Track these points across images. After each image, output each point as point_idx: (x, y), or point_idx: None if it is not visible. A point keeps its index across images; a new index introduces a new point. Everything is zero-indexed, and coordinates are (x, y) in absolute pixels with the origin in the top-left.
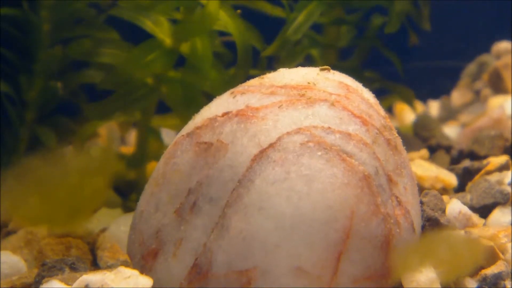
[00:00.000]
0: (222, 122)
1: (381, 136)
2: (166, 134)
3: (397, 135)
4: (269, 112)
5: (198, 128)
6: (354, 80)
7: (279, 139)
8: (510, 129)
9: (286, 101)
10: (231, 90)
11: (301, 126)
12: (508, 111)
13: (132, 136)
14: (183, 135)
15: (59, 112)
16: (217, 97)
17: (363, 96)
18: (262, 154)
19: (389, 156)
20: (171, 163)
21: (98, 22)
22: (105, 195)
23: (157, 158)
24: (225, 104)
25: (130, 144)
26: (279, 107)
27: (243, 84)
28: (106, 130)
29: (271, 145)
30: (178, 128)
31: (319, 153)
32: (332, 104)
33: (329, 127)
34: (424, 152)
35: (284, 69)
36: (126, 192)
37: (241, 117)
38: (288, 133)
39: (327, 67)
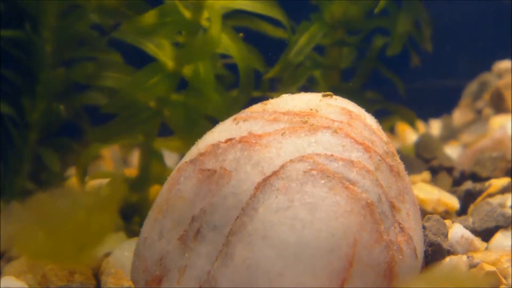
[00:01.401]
0: (225, 149)
1: (383, 162)
2: (168, 156)
3: (399, 160)
4: (272, 140)
5: (201, 154)
6: (356, 106)
7: (282, 167)
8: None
9: (289, 128)
10: (234, 116)
11: (304, 154)
12: (509, 132)
13: (135, 157)
14: (186, 162)
15: (62, 133)
16: (220, 123)
17: (365, 122)
18: (265, 182)
19: (391, 183)
20: (174, 190)
21: (101, 43)
22: (111, 231)
23: (160, 181)
24: (228, 130)
25: (133, 165)
26: (282, 135)
27: (246, 110)
28: (109, 151)
29: (274, 173)
30: (180, 151)
31: (322, 181)
32: (335, 131)
33: (332, 155)
34: (426, 174)
35: (287, 95)
36: (129, 215)
37: (244, 144)
38: (291, 161)
39: (329, 93)
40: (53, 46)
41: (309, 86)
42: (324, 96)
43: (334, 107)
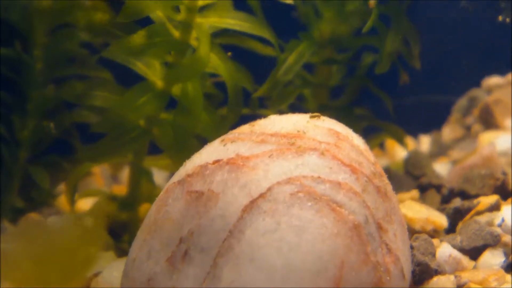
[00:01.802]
0: (213, 170)
1: (370, 183)
2: (157, 173)
3: (387, 181)
4: (260, 162)
5: (189, 176)
6: (344, 126)
7: (269, 189)
8: (501, 167)
9: (277, 150)
10: (222, 137)
11: (291, 176)
12: (498, 148)
13: (124, 173)
14: (174, 183)
15: (52, 150)
16: (208, 144)
17: (353, 143)
18: (252, 205)
19: (379, 204)
20: (163, 211)
21: (91, 61)
22: (97, 260)
23: (149, 199)
24: (216, 152)
25: (123, 181)
26: (269, 157)
27: (234, 131)
28: (98, 168)
29: (261, 196)
30: (169, 169)
31: (309, 204)
32: (322, 153)
33: (319, 177)
34: (415, 192)
35: (275, 116)
36: (119, 233)
37: (231, 166)
38: (278, 183)
39: (316, 114)
40: (43, 64)
41: (298, 104)
42: (312, 117)
43: (322, 129)
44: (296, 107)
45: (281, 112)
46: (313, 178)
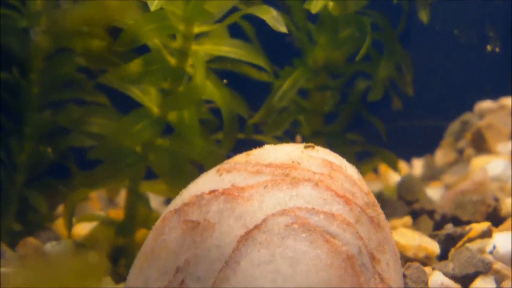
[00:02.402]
0: (209, 200)
1: (364, 214)
2: (153, 197)
3: (380, 210)
4: (255, 193)
5: (185, 205)
6: (338, 156)
7: (264, 220)
8: (492, 193)
9: (271, 181)
10: (218, 167)
11: (286, 208)
12: (490, 173)
13: (121, 196)
14: (171, 211)
15: (48, 174)
16: (204, 173)
17: (346, 173)
18: (248, 236)
19: (372, 234)
20: (159, 240)
21: (88, 86)
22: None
23: (145, 224)
24: (212, 181)
25: (119, 205)
26: (264, 188)
27: (230, 161)
28: (95, 191)
29: (256, 227)
30: (165, 194)
31: (304, 235)
32: (316, 184)
33: (313, 208)
34: (407, 219)
35: (270, 146)
36: (116, 258)
37: (227, 197)
38: (273, 215)
39: (311, 144)
40: (40, 88)
41: (293, 129)
42: (306, 147)
43: (316, 159)
44: (290, 133)
45: (276, 138)
46: (307, 210)
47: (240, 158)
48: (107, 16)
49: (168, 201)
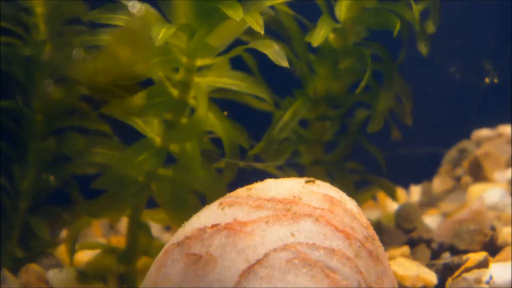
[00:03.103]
0: (211, 234)
1: (363, 248)
2: (153, 225)
3: (379, 243)
4: (257, 227)
5: (188, 238)
6: (337, 190)
7: (266, 255)
8: (490, 222)
9: (273, 216)
10: (220, 200)
11: (287, 243)
12: (487, 201)
13: (123, 223)
14: (173, 244)
15: (51, 200)
16: (206, 206)
17: (346, 207)
18: (250, 270)
19: (371, 268)
20: (162, 272)
21: (91, 114)
22: None
23: (147, 253)
24: (214, 215)
25: (120, 231)
26: (266, 223)
27: (231, 195)
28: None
29: (258, 262)
30: (166, 223)
31: (304, 270)
32: (317, 219)
33: (314, 243)
34: (405, 249)
35: (271, 180)
36: (118, 286)
37: (229, 231)
38: (274, 250)
39: (312, 179)
40: (44, 116)
41: (293, 159)
42: (307, 182)
43: (316, 194)
44: (290, 162)
45: (277, 166)
46: (308, 245)
47: (241, 192)
48: (119, 68)
49: (168, 229)
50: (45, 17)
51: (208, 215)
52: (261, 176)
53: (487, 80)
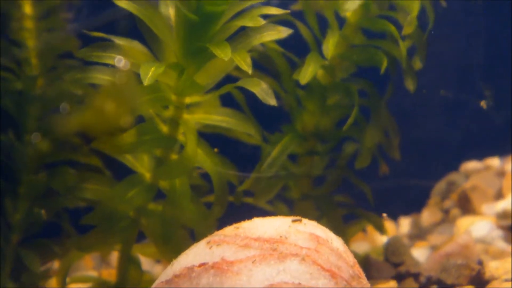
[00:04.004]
0: (199, 273)
1: (349, 287)
2: (143, 258)
3: (365, 281)
4: (243, 267)
5: (176, 276)
6: (324, 229)
7: None
8: (477, 256)
9: (260, 255)
10: (208, 239)
11: (273, 282)
12: (475, 234)
13: (113, 256)
14: (162, 282)
15: (43, 232)
16: (195, 244)
17: (332, 247)
18: None
19: None
20: None
21: (82, 148)
22: None
23: (137, 286)
24: (202, 254)
25: (112, 263)
26: (252, 262)
27: (219, 233)
28: None
29: None
30: (156, 257)
31: None
32: (303, 259)
33: (300, 283)
34: (393, 283)
35: (258, 219)
36: None
37: (216, 270)
38: None
39: (298, 218)
40: (35, 149)
41: (282, 193)
42: (294, 221)
43: (303, 234)
44: (280, 196)
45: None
46: (294, 285)
47: (229, 230)
48: (104, 123)
49: (159, 261)
50: (37, 51)
51: (196, 254)
52: (250, 209)
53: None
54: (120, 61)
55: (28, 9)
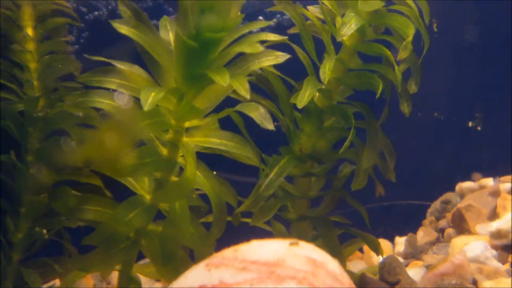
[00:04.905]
0: None
1: None
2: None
3: None
4: None
5: None
6: (321, 252)
7: None
8: (471, 275)
9: (257, 278)
10: (207, 261)
11: None
12: (469, 254)
13: (113, 274)
14: None
15: (44, 250)
16: (193, 266)
17: (328, 269)
18: None
19: None
20: None
21: (83, 170)
22: None
23: None
24: (201, 277)
25: (112, 283)
26: (250, 285)
27: (218, 255)
28: None
29: None
30: (156, 277)
31: None
32: (300, 282)
33: None
34: None
35: (256, 242)
36: None
37: None
38: None
39: (295, 241)
40: (37, 169)
41: (279, 214)
42: (291, 244)
43: (300, 257)
44: (277, 216)
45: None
46: None
47: (228, 253)
48: (105, 157)
49: (158, 281)
50: (39, 73)
51: (195, 276)
52: (248, 229)
53: (469, 124)
54: (119, 97)
55: (29, 31)
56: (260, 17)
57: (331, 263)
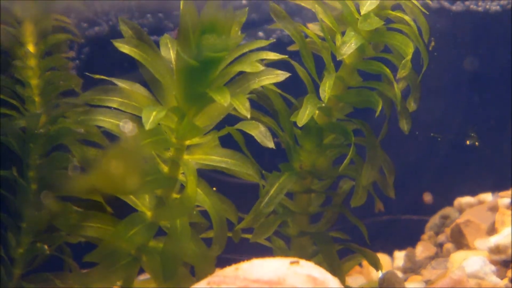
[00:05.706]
0: None
1: None
2: None
3: None
4: None
5: None
6: (321, 271)
7: None
8: None
9: None
10: (208, 279)
11: None
12: (468, 269)
13: None
14: None
15: (45, 266)
16: (195, 284)
17: (328, 287)
18: None
19: None
20: None
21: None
22: None
23: None
24: None
25: None
26: None
27: (219, 273)
28: None
29: None
30: None
31: None
32: None
33: None
34: None
35: (257, 260)
36: None
37: None
38: None
39: (296, 260)
40: (38, 185)
41: (279, 230)
42: (291, 263)
43: (300, 276)
44: (277, 232)
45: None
46: None
47: (229, 271)
48: (111, 187)
49: None
50: (40, 89)
51: None
52: (249, 245)
53: (467, 142)
54: (124, 126)
55: (31, 47)
56: (260, 33)
57: (332, 281)
